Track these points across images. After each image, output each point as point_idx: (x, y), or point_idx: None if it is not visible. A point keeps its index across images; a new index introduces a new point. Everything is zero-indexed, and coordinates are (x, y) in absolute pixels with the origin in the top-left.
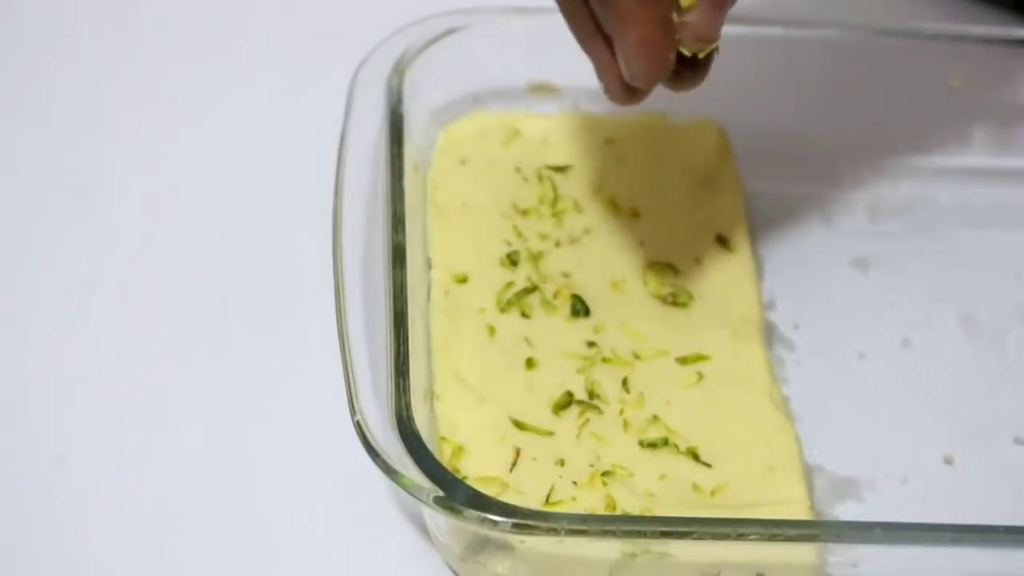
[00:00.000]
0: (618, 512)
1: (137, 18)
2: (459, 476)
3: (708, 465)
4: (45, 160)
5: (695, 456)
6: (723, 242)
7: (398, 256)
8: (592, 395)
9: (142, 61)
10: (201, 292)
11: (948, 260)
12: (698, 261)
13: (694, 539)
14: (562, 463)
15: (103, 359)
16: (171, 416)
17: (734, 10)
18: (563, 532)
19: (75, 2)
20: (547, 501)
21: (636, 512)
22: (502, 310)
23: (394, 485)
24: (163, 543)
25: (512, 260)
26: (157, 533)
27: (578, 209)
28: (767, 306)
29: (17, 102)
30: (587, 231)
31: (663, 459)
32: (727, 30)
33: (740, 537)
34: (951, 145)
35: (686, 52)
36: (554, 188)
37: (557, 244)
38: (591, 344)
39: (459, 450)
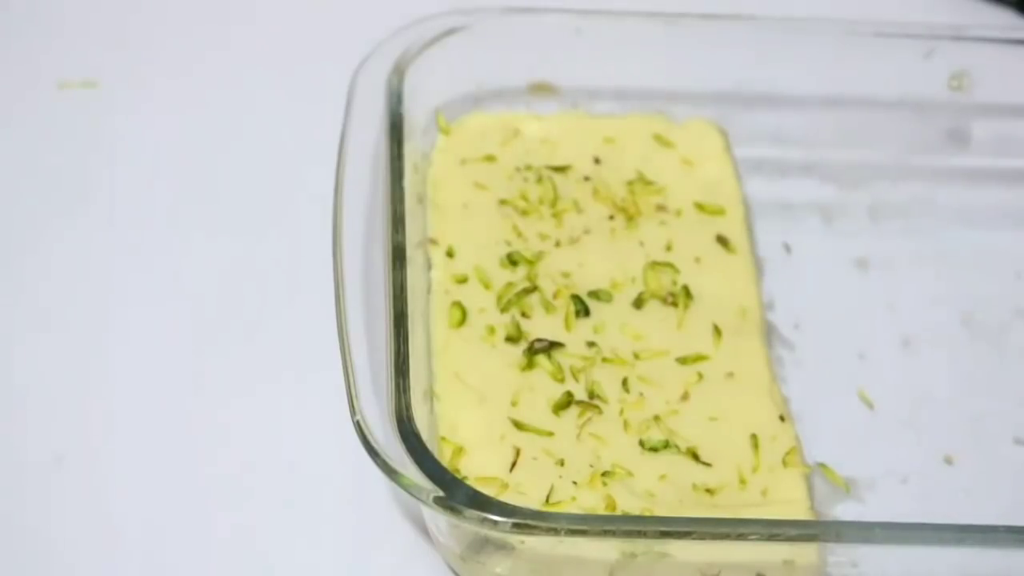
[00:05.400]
0: (618, 512)
1: (136, 17)
2: (459, 476)
3: (708, 465)
4: (44, 159)
5: (695, 456)
6: (723, 242)
7: (398, 256)
8: (592, 395)
9: (141, 61)
10: (201, 292)
11: (948, 260)
12: (698, 261)
13: (694, 539)
14: (562, 463)
15: (102, 358)
16: (170, 416)
17: (735, 9)
18: (563, 532)
19: (76, 1)
20: (547, 501)
21: (636, 512)
22: (502, 310)
23: (394, 485)
24: (162, 543)
25: (512, 260)
26: (155, 533)
27: (578, 209)
28: (767, 306)
29: (15, 99)
30: (587, 231)
31: (663, 459)
32: (729, 29)
33: (740, 537)
34: (951, 145)
35: None
36: (554, 188)
37: (557, 244)
38: (591, 344)
39: (459, 450)
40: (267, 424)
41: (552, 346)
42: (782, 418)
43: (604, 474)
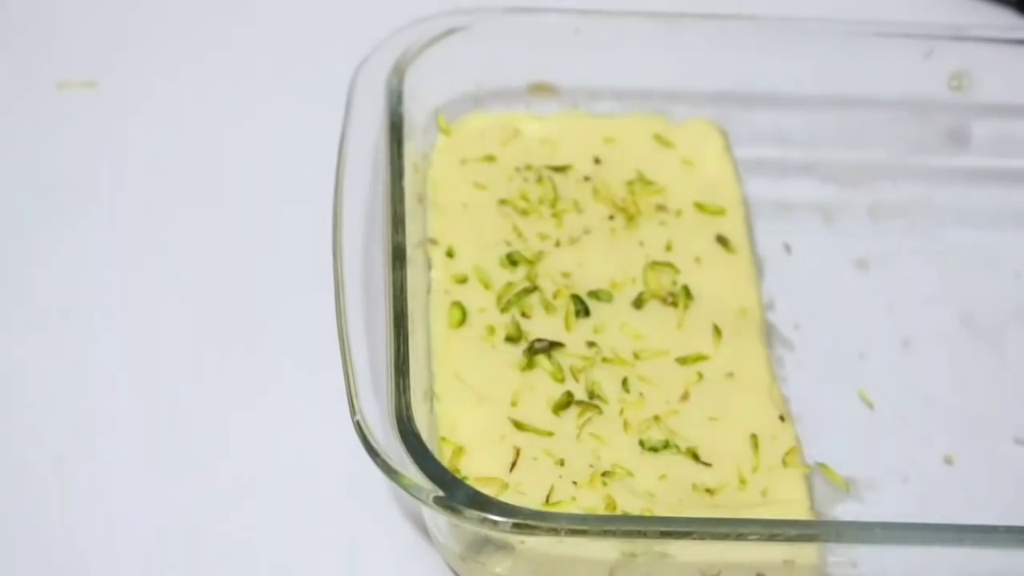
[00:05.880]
0: (618, 512)
1: (136, 17)
2: (459, 476)
3: (708, 465)
4: (44, 159)
5: (695, 456)
6: (723, 242)
7: (398, 256)
8: (592, 395)
9: (141, 61)
10: (201, 292)
11: (948, 260)
12: (698, 261)
13: (694, 539)
14: (562, 463)
15: (103, 358)
16: (170, 416)
17: (735, 9)
18: (563, 532)
19: (76, 1)
20: (547, 501)
21: (636, 512)
22: (502, 310)
23: (394, 485)
24: (162, 543)
25: (512, 260)
26: (155, 532)
27: (578, 209)
28: (767, 306)
29: (15, 99)
30: (587, 231)
31: (663, 459)
32: (729, 29)
33: (740, 537)
34: (951, 145)
35: None
36: (554, 188)
37: (557, 244)
38: (591, 344)
39: (459, 450)
40: (267, 424)
41: (552, 346)
42: (782, 418)
43: (604, 474)
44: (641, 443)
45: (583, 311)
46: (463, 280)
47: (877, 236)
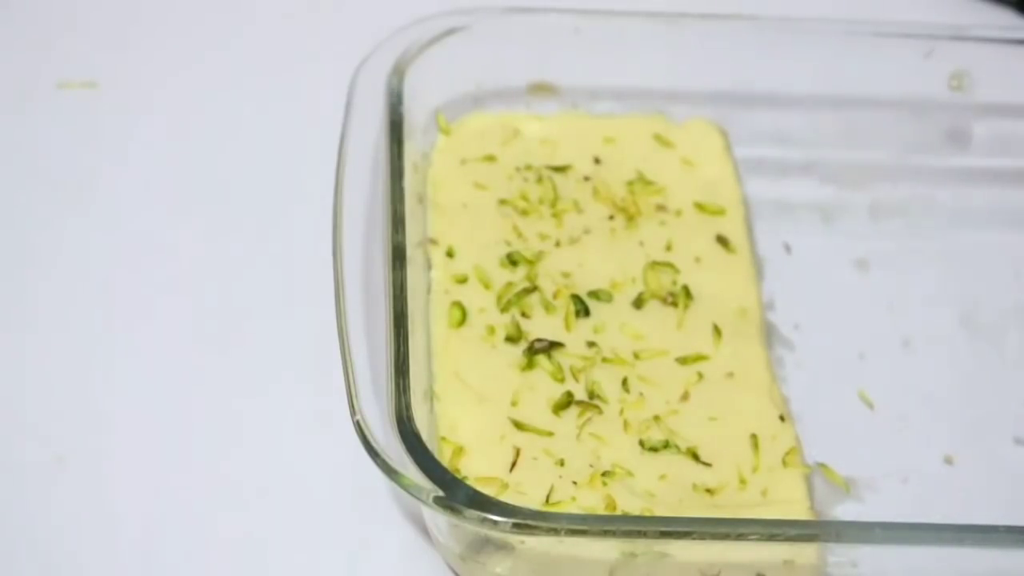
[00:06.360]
0: (618, 512)
1: (136, 17)
2: (459, 476)
3: (708, 465)
4: (44, 159)
5: (695, 456)
6: (723, 242)
7: (398, 256)
8: (592, 395)
9: (141, 61)
10: (201, 292)
11: (948, 260)
12: (698, 261)
13: (694, 539)
14: (562, 463)
15: (103, 359)
16: (170, 417)
17: (735, 9)
18: (563, 532)
19: (76, 1)
20: (547, 501)
21: (636, 512)
22: (502, 310)
23: (394, 485)
24: (162, 543)
25: (512, 260)
26: (156, 533)
27: (578, 209)
28: (767, 306)
29: (15, 99)
30: (587, 231)
31: (663, 459)
32: (729, 29)
33: (740, 537)
34: (951, 145)
35: None
36: (554, 188)
37: (557, 244)
38: (591, 344)
39: (459, 450)
40: (267, 424)
41: (552, 346)
42: (782, 418)
43: (604, 474)
44: (641, 443)
45: (583, 311)
46: (463, 280)
47: (877, 236)
